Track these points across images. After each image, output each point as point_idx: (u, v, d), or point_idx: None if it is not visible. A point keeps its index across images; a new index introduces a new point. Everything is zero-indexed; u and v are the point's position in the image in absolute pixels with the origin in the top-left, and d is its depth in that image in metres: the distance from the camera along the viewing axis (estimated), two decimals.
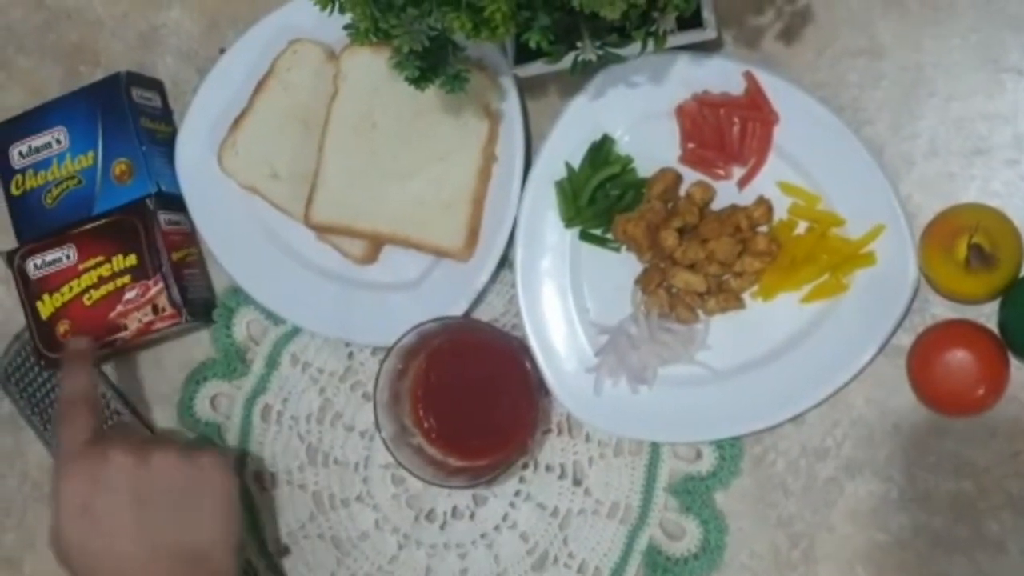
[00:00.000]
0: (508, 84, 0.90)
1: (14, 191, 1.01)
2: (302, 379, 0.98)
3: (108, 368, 1.02)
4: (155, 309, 0.96)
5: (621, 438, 0.90)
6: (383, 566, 0.96)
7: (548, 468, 0.92)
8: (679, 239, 0.86)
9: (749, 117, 0.86)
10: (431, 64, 0.79)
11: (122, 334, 0.97)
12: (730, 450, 0.88)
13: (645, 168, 0.89)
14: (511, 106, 0.90)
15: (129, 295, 0.96)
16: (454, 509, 0.94)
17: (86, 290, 0.97)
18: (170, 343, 1.01)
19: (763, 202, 0.86)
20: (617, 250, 0.89)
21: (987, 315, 0.83)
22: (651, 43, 0.80)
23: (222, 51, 0.99)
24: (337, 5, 0.76)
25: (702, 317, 0.88)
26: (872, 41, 0.86)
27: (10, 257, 1.00)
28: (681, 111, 0.88)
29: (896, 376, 0.84)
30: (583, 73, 0.82)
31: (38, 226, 1.00)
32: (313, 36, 0.95)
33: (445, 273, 0.93)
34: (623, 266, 0.89)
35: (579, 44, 0.80)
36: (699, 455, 0.89)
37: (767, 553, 0.88)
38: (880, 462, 0.85)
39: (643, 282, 0.88)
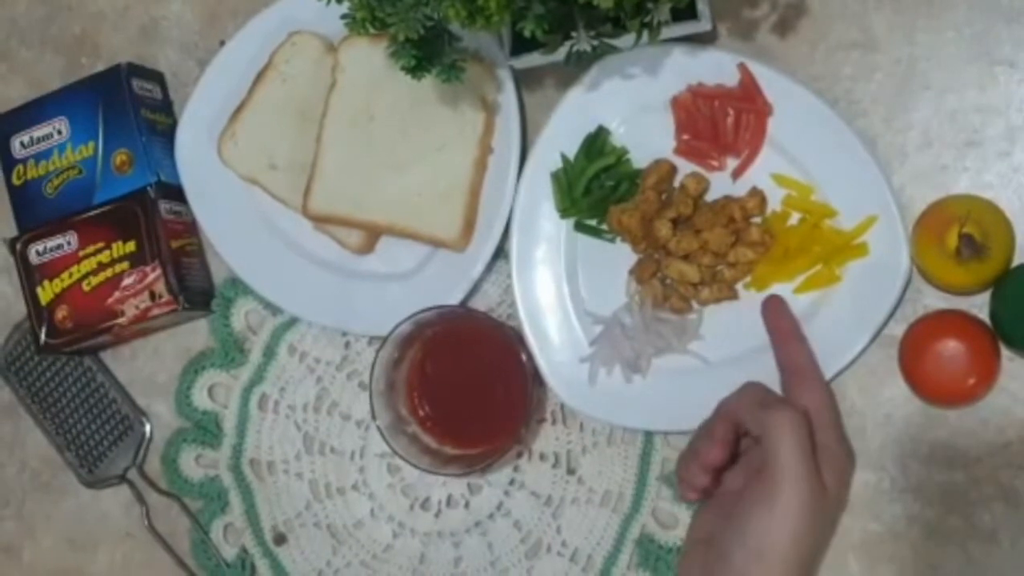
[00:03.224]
0: (504, 76, 0.91)
1: (15, 181, 1.02)
2: (299, 369, 0.98)
3: (106, 357, 1.03)
4: (152, 296, 0.96)
5: (615, 427, 0.91)
6: (378, 554, 0.96)
7: (542, 457, 0.93)
8: (673, 230, 0.87)
9: (743, 109, 0.86)
10: (427, 53, 0.80)
11: (119, 320, 0.97)
12: None
13: (640, 159, 0.89)
14: (507, 97, 0.91)
15: (127, 281, 0.97)
16: (449, 498, 0.95)
17: (85, 276, 0.98)
18: (168, 333, 1.02)
19: (757, 193, 0.86)
20: (612, 241, 0.90)
21: (979, 306, 0.83)
22: (646, 34, 0.80)
23: (222, 43, 0.99)
24: None
25: (696, 307, 0.88)
26: (866, 34, 0.87)
27: (13, 243, 1.01)
28: (676, 102, 0.88)
29: (888, 366, 0.85)
30: (578, 64, 0.83)
31: (39, 215, 1.00)
32: (312, 28, 0.95)
33: (441, 263, 0.93)
34: (618, 256, 0.89)
35: (574, 34, 0.80)
36: None
37: None
38: (872, 452, 0.85)
39: (637, 272, 0.88)
